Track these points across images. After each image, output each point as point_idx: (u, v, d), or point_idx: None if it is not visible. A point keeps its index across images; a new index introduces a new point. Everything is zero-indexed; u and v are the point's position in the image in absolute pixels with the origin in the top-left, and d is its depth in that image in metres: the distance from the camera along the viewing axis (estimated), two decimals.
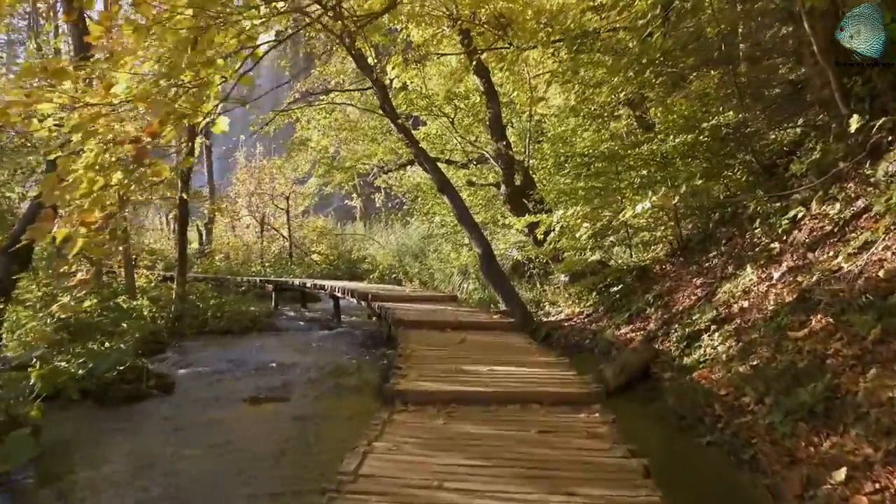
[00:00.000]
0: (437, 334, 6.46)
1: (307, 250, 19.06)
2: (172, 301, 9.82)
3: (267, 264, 17.74)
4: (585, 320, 8.35)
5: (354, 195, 25.72)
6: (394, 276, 14.66)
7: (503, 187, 10.31)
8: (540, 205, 10.15)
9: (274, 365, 7.69)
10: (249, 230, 21.34)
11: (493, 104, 10.23)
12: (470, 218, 9.59)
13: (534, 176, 10.91)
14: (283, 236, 19.21)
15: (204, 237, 20.52)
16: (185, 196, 9.33)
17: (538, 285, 12.34)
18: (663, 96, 8.37)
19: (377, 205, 26.93)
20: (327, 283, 12.71)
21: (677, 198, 6.57)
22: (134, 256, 12.39)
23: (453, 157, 11.99)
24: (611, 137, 9.00)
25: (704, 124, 7.52)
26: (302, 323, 12.36)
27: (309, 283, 13.18)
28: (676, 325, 6.34)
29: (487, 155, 10.69)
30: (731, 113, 7.66)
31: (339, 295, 11.42)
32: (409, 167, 13.92)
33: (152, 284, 11.43)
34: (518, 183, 10.57)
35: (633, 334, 7.04)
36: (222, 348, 9.02)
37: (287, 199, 18.69)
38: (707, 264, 7.23)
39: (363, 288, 10.83)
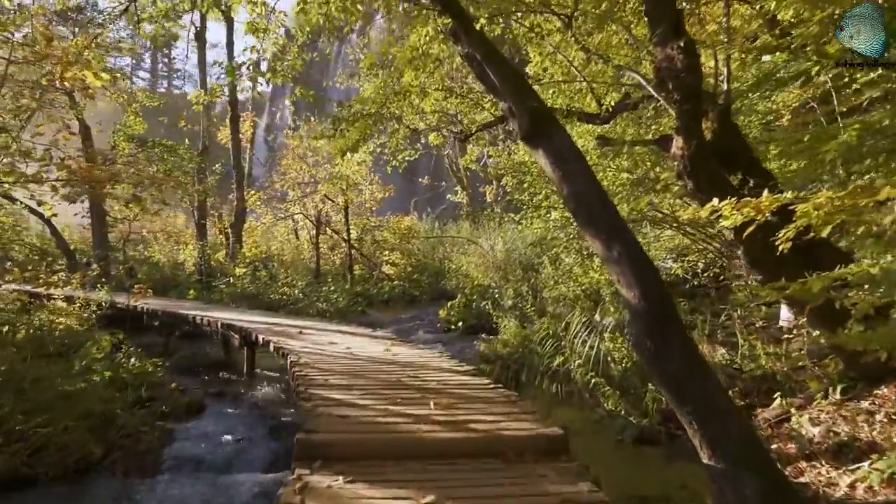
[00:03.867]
0: None
1: (378, 261, 14.18)
2: None
3: (300, 284, 12.78)
4: None
5: (458, 188, 20.92)
6: (483, 304, 9.59)
7: (677, 143, 4.71)
8: (759, 179, 4.50)
9: None
10: (304, 233, 16.88)
11: None
12: (605, 204, 4.12)
13: (740, 124, 5.19)
14: (343, 240, 14.27)
15: (231, 242, 16.18)
16: None
17: (737, 334, 6.46)
18: None
19: (488, 199, 22.17)
20: (295, 342, 6.89)
21: None
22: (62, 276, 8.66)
23: (573, 104, 6.60)
24: None
25: None
26: (250, 436, 5.89)
27: (274, 343, 6.94)
28: None
29: (639, 79, 5.14)
30: None
31: (299, 373, 5.26)
32: (505, 131, 8.73)
33: (83, 327, 7.12)
34: (710, 136, 4.96)
35: None
36: None
37: (345, 190, 13.81)
38: None
39: (319, 367, 5.37)
